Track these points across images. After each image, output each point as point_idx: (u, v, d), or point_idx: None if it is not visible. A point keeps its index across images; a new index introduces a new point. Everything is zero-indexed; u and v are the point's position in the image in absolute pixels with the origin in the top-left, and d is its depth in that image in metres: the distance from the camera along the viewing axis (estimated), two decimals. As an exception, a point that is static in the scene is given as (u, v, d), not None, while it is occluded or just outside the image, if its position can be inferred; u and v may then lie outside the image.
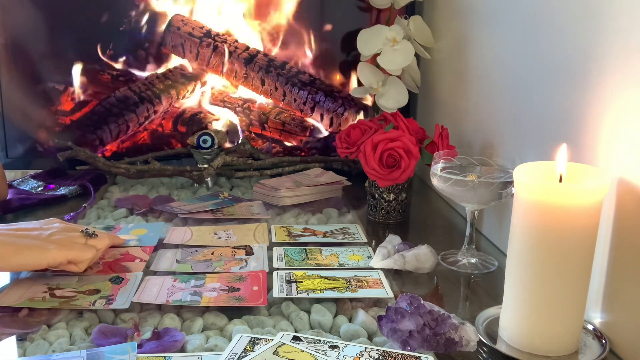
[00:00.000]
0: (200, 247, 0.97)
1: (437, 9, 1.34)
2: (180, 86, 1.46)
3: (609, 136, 0.70)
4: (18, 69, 1.39)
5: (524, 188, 0.66)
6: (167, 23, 1.42)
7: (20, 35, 1.37)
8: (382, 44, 1.25)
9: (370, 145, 1.05)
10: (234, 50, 1.44)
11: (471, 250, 0.93)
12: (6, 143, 1.42)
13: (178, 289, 0.81)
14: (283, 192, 1.19)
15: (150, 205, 1.18)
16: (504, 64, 1.00)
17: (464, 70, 1.17)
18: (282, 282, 0.83)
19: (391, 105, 1.28)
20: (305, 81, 1.46)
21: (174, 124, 1.47)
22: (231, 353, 0.64)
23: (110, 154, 1.45)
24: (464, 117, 1.18)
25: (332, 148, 1.45)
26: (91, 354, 0.65)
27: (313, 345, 0.67)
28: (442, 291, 0.86)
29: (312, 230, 1.05)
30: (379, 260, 0.89)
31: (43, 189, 1.27)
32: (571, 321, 0.67)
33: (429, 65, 1.37)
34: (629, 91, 0.66)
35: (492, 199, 0.87)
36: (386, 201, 1.11)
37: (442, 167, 0.91)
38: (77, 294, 0.80)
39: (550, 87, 0.84)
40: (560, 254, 0.64)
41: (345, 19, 1.44)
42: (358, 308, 0.78)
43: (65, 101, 1.42)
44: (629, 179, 0.66)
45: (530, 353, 0.67)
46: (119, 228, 1.05)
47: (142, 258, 0.92)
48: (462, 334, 0.67)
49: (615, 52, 0.69)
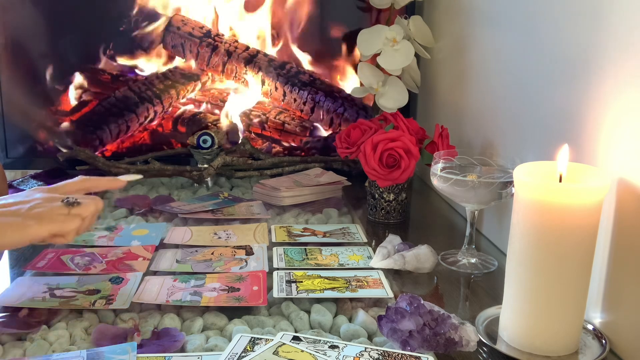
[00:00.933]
0: (200, 247, 0.97)
1: (437, 9, 1.34)
2: (180, 86, 1.46)
3: (609, 136, 0.70)
4: (18, 69, 1.39)
5: (524, 188, 0.66)
6: (167, 23, 1.42)
7: (21, 35, 1.37)
8: (382, 44, 1.25)
9: (370, 145, 1.05)
10: (234, 50, 1.44)
11: (471, 250, 0.93)
12: (6, 143, 1.42)
13: (178, 289, 0.81)
14: (283, 192, 1.19)
15: (150, 205, 1.18)
16: (504, 64, 1.00)
17: (464, 70, 1.17)
18: (282, 282, 0.83)
19: (391, 105, 1.28)
20: (305, 81, 1.46)
21: (174, 124, 1.47)
22: (231, 353, 0.64)
23: (110, 154, 1.45)
24: (464, 117, 1.18)
25: (332, 148, 1.45)
26: (91, 354, 0.65)
27: (313, 345, 0.67)
28: (442, 291, 0.86)
29: (312, 230, 1.05)
30: (379, 260, 0.89)
31: (43, 189, 1.27)
32: (571, 321, 0.67)
33: (429, 65, 1.37)
34: (628, 91, 0.66)
35: (492, 199, 0.87)
36: (386, 201, 1.11)
37: (442, 167, 0.91)
38: (77, 294, 0.80)
39: (550, 87, 0.84)
40: (560, 254, 0.64)
41: (345, 19, 1.44)
42: (358, 308, 0.78)
43: (65, 101, 1.42)
44: (629, 179, 0.66)
45: (530, 353, 0.67)
46: (120, 228, 1.05)
47: (145, 257, 0.92)
48: (462, 334, 0.67)
49: (615, 52, 0.69)
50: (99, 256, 0.92)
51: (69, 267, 0.88)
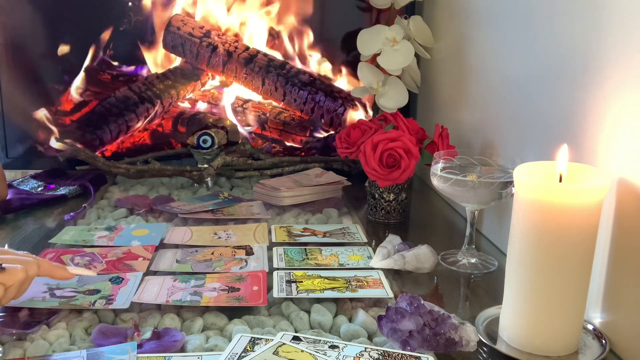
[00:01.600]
0: (200, 247, 0.97)
1: (437, 9, 1.34)
2: (180, 86, 1.46)
3: (609, 136, 0.70)
4: (18, 69, 1.39)
5: (524, 188, 0.66)
6: (167, 23, 1.41)
7: (21, 36, 1.37)
8: (382, 44, 1.25)
9: (370, 145, 1.05)
10: (234, 50, 1.44)
11: (471, 250, 0.93)
12: (6, 143, 1.42)
13: (178, 289, 0.81)
14: (283, 192, 1.19)
15: (150, 205, 1.18)
16: (504, 64, 1.00)
17: (464, 70, 1.17)
18: (282, 282, 0.83)
19: (391, 105, 1.28)
20: (305, 81, 1.46)
21: (174, 124, 1.47)
22: (231, 353, 0.64)
23: (110, 154, 1.45)
24: (464, 117, 1.18)
25: (332, 148, 1.45)
26: (91, 354, 0.65)
27: (313, 345, 0.67)
28: (442, 291, 0.86)
29: (312, 230, 1.05)
30: (379, 260, 0.89)
31: (43, 189, 1.27)
32: (571, 321, 0.67)
33: (429, 65, 1.37)
34: (629, 91, 0.66)
35: (492, 199, 0.87)
36: (386, 201, 1.11)
37: (442, 167, 0.91)
38: (77, 294, 0.80)
39: (550, 87, 0.84)
40: (560, 254, 0.64)
41: (345, 19, 1.44)
42: (358, 308, 0.78)
43: (65, 101, 1.42)
44: (629, 179, 0.66)
45: (530, 353, 0.67)
46: (120, 228, 1.05)
47: (145, 257, 0.92)
48: (462, 334, 0.67)
49: (615, 52, 0.69)
50: (99, 256, 0.92)
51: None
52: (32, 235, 1.03)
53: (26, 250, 0.78)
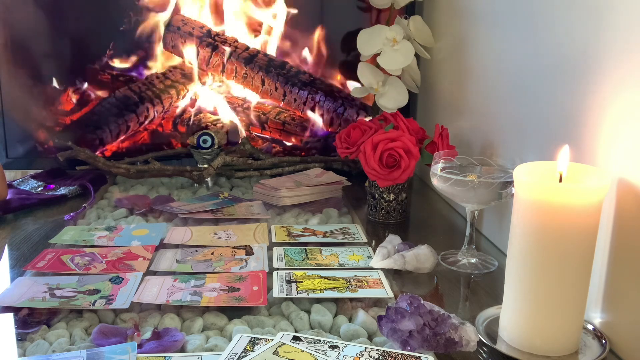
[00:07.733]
0: (200, 247, 0.97)
1: (437, 9, 1.34)
2: (180, 86, 1.46)
3: (609, 136, 0.70)
4: (18, 68, 1.39)
5: (524, 188, 0.66)
6: (167, 23, 1.41)
7: (21, 35, 1.37)
8: (382, 44, 1.25)
9: (370, 145, 1.05)
10: (234, 50, 1.44)
11: (471, 250, 0.93)
12: (6, 143, 1.42)
13: (178, 289, 0.81)
14: (283, 192, 1.19)
15: (150, 205, 1.18)
16: (504, 64, 1.00)
17: (464, 70, 1.17)
18: (282, 282, 0.83)
19: (391, 105, 1.28)
20: (305, 81, 1.46)
21: (174, 124, 1.47)
22: (231, 353, 0.64)
23: (110, 154, 1.45)
24: (464, 117, 1.18)
25: (332, 148, 1.45)
26: (91, 354, 0.65)
27: (313, 345, 0.67)
28: (442, 291, 0.86)
29: (312, 230, 1.05)
30: (379, 260, 0.89)
31: (43, 189, 1.27)
32: (571, 321, 0.67)
33: (429, 65, 1.37)
34: (628, 91, 0.66)
35: (492, 199, 0.87)
36: (386, 201, 1.11)
37: (442, 167, 0.91)
38: (77, 294, 0.80)
39: (550, 87, 0.84)
40: (560, 254, 0.64)
41: (345, 19, 1.44)
42: (358, 308, 0.78)
43: (65, 101, 1.42)
44: (629, 179, 0.66)
45: (530, 353, 0.67)
46: (120, 228, 1.05)
47: (145, 257, 0.92)
48: (462, 334, 0.67)
49: (615, 52, 0.69)
50: (99, 256, 0.92)
51: (69, 267, 0.88)
52: (32, 235, 1.03)
53: (26, 250, 0.78)
